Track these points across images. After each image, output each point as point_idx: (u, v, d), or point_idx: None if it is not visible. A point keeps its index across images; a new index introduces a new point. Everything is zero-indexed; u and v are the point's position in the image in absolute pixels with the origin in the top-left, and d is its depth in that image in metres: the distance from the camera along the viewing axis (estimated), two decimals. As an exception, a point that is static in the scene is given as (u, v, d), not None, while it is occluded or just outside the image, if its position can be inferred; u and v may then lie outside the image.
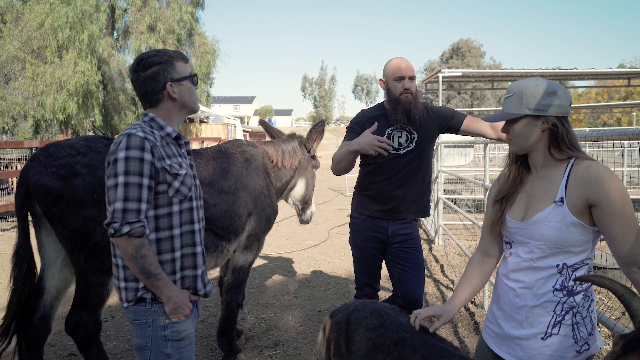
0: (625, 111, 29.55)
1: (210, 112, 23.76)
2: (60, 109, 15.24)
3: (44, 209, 2.63)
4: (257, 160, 3.58)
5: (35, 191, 2.61)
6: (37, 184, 2.59)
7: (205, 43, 19.79)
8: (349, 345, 1.76)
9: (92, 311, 2.74)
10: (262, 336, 3.99)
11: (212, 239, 3.13)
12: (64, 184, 2.57)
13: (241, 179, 3.35)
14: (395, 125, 2.88)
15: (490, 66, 59.62)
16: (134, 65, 1.90)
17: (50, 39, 15.23)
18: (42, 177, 2.58)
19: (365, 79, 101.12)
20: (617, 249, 1.56)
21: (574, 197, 1.60)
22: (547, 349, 1.66)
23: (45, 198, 2.59)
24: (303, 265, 6.24)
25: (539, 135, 1.68)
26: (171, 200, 1.85)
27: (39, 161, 2.64)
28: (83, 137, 2.86)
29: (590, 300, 1.69)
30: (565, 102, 1.65)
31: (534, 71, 9.61)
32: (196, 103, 2.01)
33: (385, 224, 2.96)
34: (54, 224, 2.64)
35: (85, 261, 2.64)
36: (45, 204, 2.61)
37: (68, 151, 2.66)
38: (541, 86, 1.65)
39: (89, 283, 2.69)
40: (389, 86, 2.90)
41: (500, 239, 1.89)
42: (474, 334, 4.02)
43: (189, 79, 1.94)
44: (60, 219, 2.60)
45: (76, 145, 2.70)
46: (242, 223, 3.32)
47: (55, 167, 2.60)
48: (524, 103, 1.67)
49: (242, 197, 3.31)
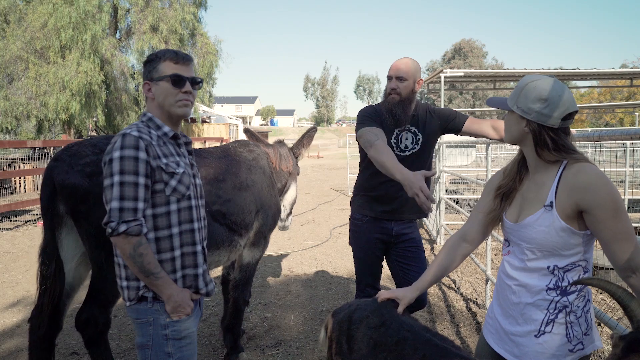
0: (628, 111, 29.48)
1: (213, 112, 23.82)
2: (63, 109, 15.29)
3: (70, 207, 2.69)
4: (263, 160, 3.67)
5: (63, 190, 2.65)
6: (64, 183, 2.64)
7: (208, 43, 19.81)
8: (350, 344, 1.76)
9: (105, 307, 2.81)
10: (264, 335, 4.00)
11: (227, 233, 3.20)
12: (91, 182, 2.63)
13: (250, 176, 3.44)
14: (404, 126, 2.89)
15: (493, 66, 59.51)
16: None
17: (54, 39, 15.28)
18: (69, 176, 2.64)
19: (367, 79, 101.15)
20: (610, 253, 1.56)
21: (564, 202, 1.59)
22: (540, 346, 1.67)
23: (72, 196, 2.65)
24: (305, 265, 6.25)
25: (523, 133, 1.68)
26: (169, 199, 1.85)
27: (63, 161, 2.68)
28: (103, 136, 2.95)
29: (585, 301, 1.69)
30: (553, 113, 1.59)
31: (536, 71, 9.60)
32: (175, 106, 1.89)
33: (389, 224, 2.96)
34: (80, 221, 2.70)
35: (106, 257, 2.69)
36: (72, 202, 2.66)
37: (91, 150, 2.73)
38: (538, 89, 1.62)
39: (106, 279, 2.74)
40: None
41: (486, 229, 1.90)
42: (475, 333, 4.02)
43: (165, 79, 1.86)
44: (86, 216, 2.65)
45: (98, 143, 2.78)
46: (252, 219, 3.39)
47: (81, 165, 2.66)
48: (516, 99, 1.67)
49: (252, 194, 3.41)
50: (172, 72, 1.87)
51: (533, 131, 1.64)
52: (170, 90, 1.88)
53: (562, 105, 1.59)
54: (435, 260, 1.99)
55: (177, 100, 1.89)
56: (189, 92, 1.92)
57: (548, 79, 1.65)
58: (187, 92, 1.91)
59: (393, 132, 2.89)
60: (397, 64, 2.86)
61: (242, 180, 3.35)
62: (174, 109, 1.90)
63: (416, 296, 1.91)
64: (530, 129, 1.64)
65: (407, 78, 2.82)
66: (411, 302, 1.89)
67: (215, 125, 25.43)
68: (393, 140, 2.89)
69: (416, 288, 1.94)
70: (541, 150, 1.65)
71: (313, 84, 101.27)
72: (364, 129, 2.77)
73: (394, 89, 2.83)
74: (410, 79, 2.83)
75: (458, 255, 1.95)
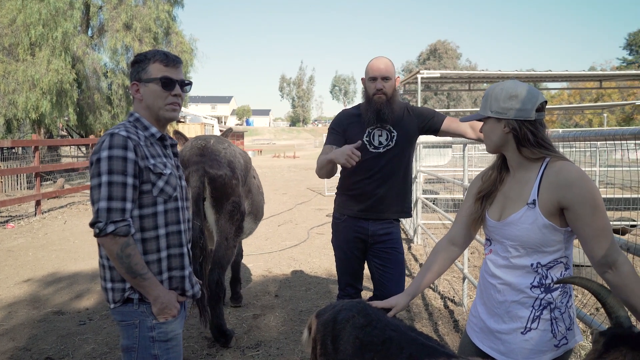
0: (597, 112, 30.32)
1: (188, 111, 23.55)
2: (32, 108, 14.86)
3: (218, 193, 3.65)
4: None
5: (212, 180, 3.60)
6: (214, 175, 3.62)
7: (183, 42, 19.52)
8: (335, 345, 1.76)
9: (224, 270, 3.73)
10: (244, 337, 3.97)
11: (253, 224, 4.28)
12: (232, 172, 3.73)
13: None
14: (376, 124, 2.89)
15: (467, 67, 60.50)
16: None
17: (23, 36, 14.84)
18: (218, 170, 3.64)
19: (343, 79, 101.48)
20: (589, 250, 1.60)
21: (546, 199, 1.63)
22: (526, 343, 1.71)
23: (219, 184, 3.64)
24: (283, 265, 6.23)
25: (503, 137, 1.72)
26: (156, 200, 1.83)
27: (205, 156, 3.67)
28: (214, 136, 4.02)
29: (568, 296, 1.73)
30: (527, 105, 1.66)
31: (509, 73, 9.80)
32: (163, 109, 1.88)
33: (366, 224, 2.96)
34: (223, 202, 3.68)
35: (230, 229, 3.73)
36: (219, 188, 3.64)
37: (226, 145, 3.90)
38: (505, 89, 1.69)
39: (228, 246, 3.73)
40: (365, 85, 2.93)
41: (472, 232, 1.94)
42: (453, 331, 4.07)
43: (154, 81, 1.85)
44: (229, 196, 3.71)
45: (223, 141, 3.97)
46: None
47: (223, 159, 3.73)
48: (488, 105, 1.73)
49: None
50: (162, 75, 1.85)
51: (513, 129, 1.69)
52: (160, 93, 1.86)
53: (532, 97, 1.67)
54: (426, 265, 2.02)
55: (166, 103, 1.88)
56: (179, 95, 1.90)
57: (510, 80, 1.74)
58: (177, 95, 1.89)
59: (365, 131, 2.91)
60: (378, 65, 2.87)
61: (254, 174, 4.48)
62: (163, 112, 1.89)
63: (409, 301, 1.96)
64: (510, 127, 1.69)
65: (390, 77, 2.87)
66: (404, 308, 1.92)
67: (190, 125, 25.15)
68: (365, 138, 2.90)
69: (408, 294, 1.97)
70: (523, 148, 1.70)
71: (289, 83, 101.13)
72: (324, 147, 3.01)
73: (380, 89, 2.84)
74: (392, 77, 2.88)
75: (448, 259, 1.99)
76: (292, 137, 77.86)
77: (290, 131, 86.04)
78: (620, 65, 47.32)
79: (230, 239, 3.76)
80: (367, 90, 2.90)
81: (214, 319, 3.69)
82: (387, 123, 2.88)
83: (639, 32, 48.64)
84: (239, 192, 3.78)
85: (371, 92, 2.87)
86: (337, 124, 3.01)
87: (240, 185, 3.83)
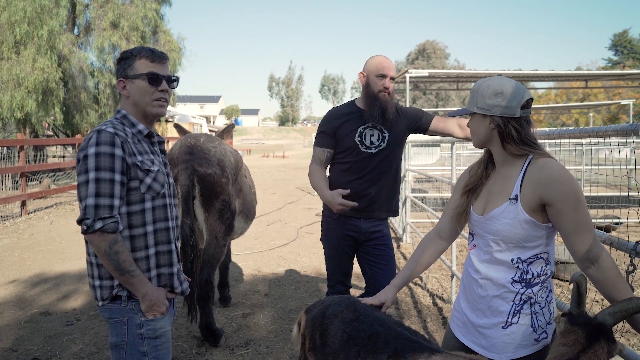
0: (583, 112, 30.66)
1: (176, 111, 23.41)
2: (18, 107, 14.68)
3: (207, 192, 3.62)
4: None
5: (201, 179, 3.57)
6: (203, 173, 3.59)
7: (171, 41, 19.40)
8: (323, 339, 1.78)
9: (214, 269, 3.75)
10: (233, 335, 3.97)
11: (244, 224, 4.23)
12: (222, 170, 3.70)
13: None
14: (368, 124, 2.90)
15: (455, 67, 60.86)
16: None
17: (7, 34, 14.65)
18: (207, 168, 3.62)
19: (332, 79, 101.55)
20: (571, 245, 1.62)
21: (528, 195, 1.66)
22: (507, 337, 1.73)
23: (208, 182, 3.61)
24: (272, 264, 6.23)
25: (488, 132, 1.75)
26: (143, 197, 1.83)
27: (194, 155, 3.64)
28: (204, 135, 4.02)
29: (548, 291, 1.76)
30: (512, 103, 1.68)
31: (497, 72, 9.88)
32: (150, 105, 1.88)
33: (358, 222, 2.97)
34: (213, 200, 3.65)
35: (220, 227, 3.71)
36: (208, 186, 3.62)
37: (216, 144, 3.85)
38: (491, 86, 1.71)
39: (218, 245, 3.72)
40: (369, 81, 2.90)
41: (459, 225, 1.96)
42: (442, 328, 4.10)
43: (141, 77, 1.84)
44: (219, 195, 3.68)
45: (213, 139, 3.90)
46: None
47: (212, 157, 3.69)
48: (475, 101, 1.76)
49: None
50: (148, 71, 1.85)
51: (498, 125, 1.71)
52: (147, 88, 1.86)
53: (517, 94, 1.68)
54: (413, 257, 2.04)
55: (153, 99, 1.88)
56: (165, 91, 1.90)
57: (497, 77, 1.75)
58: (164, 90, 1.89)
59: (357, 131, 2.92)
60: (388, 63, 2.90)
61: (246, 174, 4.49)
62: (150, 108, 1.89)
63: (396, 293, 1.98)
64: (495, 124, 1.72)
65: (394, 77, 2.92)
66: (393, 301, 1.95)
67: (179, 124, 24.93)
68: (357, 138, 2.91)
69: (394, 285, 1.99)
70: (507, 144, 1.72)
71: (278, 83, 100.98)
72: (313, 149, 3.08)
73: (387, 87, 2.86)
74: (394, 76, 2.93)
75: (435, 252, 2.02)
76: (281, 136, 77.69)
77: (280, 131, 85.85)
78: (605, 65, 47.97)
79: (220, 238, 3.75)
80: (373, 86, 2.88)
81: (203, 318, 3.68)
82: (388, 122, 2.89)
83: (624, 33, 49.34)
84: (228, 190, 3.75)
85: (377, 89, 2.86)
86: (327, 125, 3.01)
87: (230, 184, 3.80)
